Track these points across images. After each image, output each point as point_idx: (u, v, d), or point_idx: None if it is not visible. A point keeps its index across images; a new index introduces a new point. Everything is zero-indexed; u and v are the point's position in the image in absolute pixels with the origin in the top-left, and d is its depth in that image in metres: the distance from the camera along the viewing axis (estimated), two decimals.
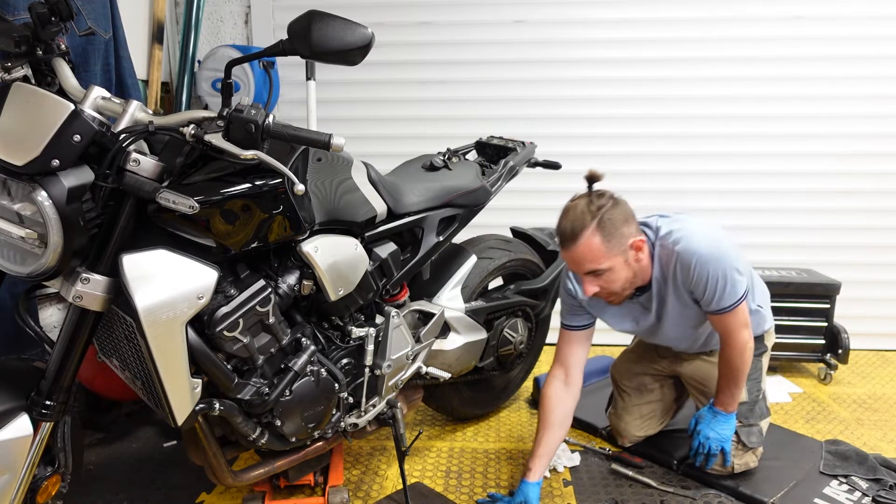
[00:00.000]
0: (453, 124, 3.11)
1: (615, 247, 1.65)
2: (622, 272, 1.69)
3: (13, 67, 1.23)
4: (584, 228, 1.62)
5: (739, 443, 1.94)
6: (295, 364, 1.49)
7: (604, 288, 1.71)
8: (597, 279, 1.68)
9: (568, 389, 1.91)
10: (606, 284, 1.70)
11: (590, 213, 1.64)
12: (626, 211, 1.68)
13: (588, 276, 1.68)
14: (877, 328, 3.15)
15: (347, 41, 1.17)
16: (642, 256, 1.72)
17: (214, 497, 1.94)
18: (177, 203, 1.19)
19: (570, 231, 1.64)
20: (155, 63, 2.79)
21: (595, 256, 1.64)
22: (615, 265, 1.66)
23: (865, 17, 2.92)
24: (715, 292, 1.70)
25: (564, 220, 1.66)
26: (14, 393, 1.26)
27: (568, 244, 1.65)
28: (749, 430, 1.95)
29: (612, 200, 1.67)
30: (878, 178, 3.05)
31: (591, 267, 1.66)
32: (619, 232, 1.65)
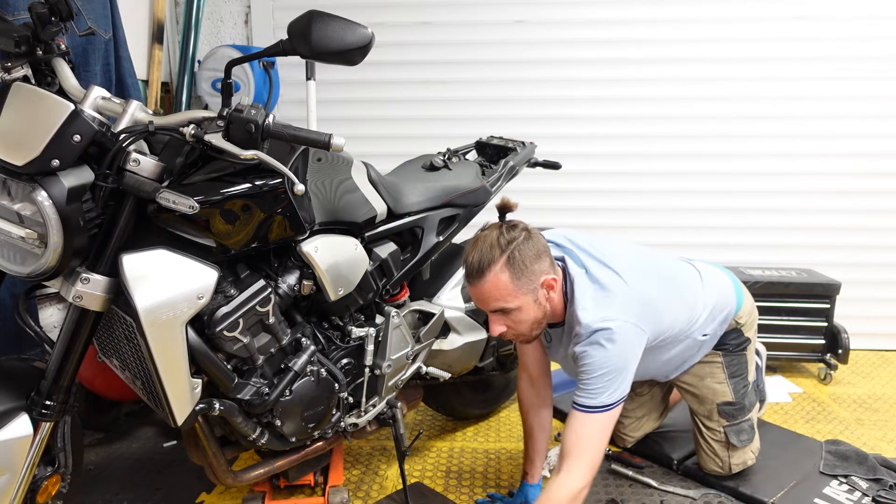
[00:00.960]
0: (453, 124, 3.11)
1: (524, 285, 1.51)
2: (531, 312, 1.55)
3: (13, 67, 1.24)
4: (493, 263, 1.49)
5: (728, 444, 1.93)
6: (295, 364, 1.49)
7: (510, 328, 1.58)
8: (503, 318, 1.56)
9: (535, 391, 1.87)
10: (514, 325, 1.57)
11: (499, 246, 1.50)
12: (538, 246, 1.54)
13: (495, 314, 1.56)
14: (877, 328, 3.15)
15: (347, 41, 1.17)
16: (553, 296, 1.59)
17: (214, 497, 1.94)
18: (177, 203, 1.19)
19: (478, 266, 1.50)
20: (155, 63, 2.79)
21: (502, 295, 1.51)
22: (523, 305, 1.53)
23: (866, 17, 2.92)
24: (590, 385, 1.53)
25: (472, 253, 1.52)
26: (14, 393, 1.26)
27: (474, 280, 1.52)
28: (738, 428, 1.93)
29: (526, 233, 1.54)
30: (878, 178, 3.05)
31: (497, 305, 1.53)
32: (530, 270, 1.51)
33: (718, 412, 1.93)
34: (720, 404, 1.92)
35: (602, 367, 1.52)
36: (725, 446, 1.94)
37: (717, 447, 1.94)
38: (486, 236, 1.54)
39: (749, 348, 1.98)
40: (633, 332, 1.56)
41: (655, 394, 2.16)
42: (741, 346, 1.94)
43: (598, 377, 1.52)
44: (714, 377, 1.93)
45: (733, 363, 1.93)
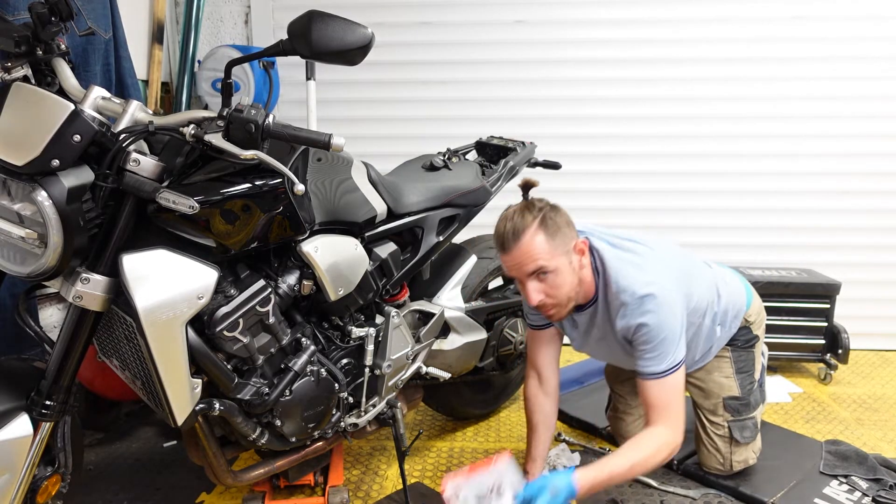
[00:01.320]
0: (453, 124, 3.11)
1: (559, 246, 1.55)
2: (567, 276, 1.58)
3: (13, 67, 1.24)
4: (527, 227, 1.53)
5: (732, 440, 1.93)
6: (295, 364, 1.49)
7: (549, 295, 1.58)
8: (542, 284, 1.57)
9: (544, 390, 1.88)
10: (552, 290, 1.58)
11: (531, 214, 1.55)
12: (565, 216, 1.60)
13: (532, 279, 1.57)
14: (877, 328, 3.15)
15: (347, 41, 1.17)
16: (585, 262, 1.63)
17: (214, 497, 1.94)
18: (177, 203, 1.19)
19: (512, 232, 1.54)
20: (155, 63, 2.79)
21: (540, 254, 1.53)
22: (560, 266, 1.56)
23: (866, 17, 2.92)
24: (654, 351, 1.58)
25: (503, 224, 1.56)
26: (14, 393, 1.26)
27: (510, 245, 1.54)
28: (742, 424, 1.93)
29: (550, 205, 1.59)
30: (878, 178, 3.05)
31: (534, 266, 1.54)
32: (562, 232, 1.56)
33: (724, 406, 1.94)
34: (726, 398, 1.93)
35: (660, 331, 1.56)
36: (728, 442, 1.94)
37: (720, 443, 1.94)
38: (513, 210, 1.59)
39: (757, 346, 2.01)
40: (675, 293, 1.61)
41: None
42: (750, 342, 1.97)
43: (659, 343, 1.57)
44: (722, 371, 1.95)
45: (741, 359, 1.95)
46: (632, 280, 1.59)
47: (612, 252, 1.66)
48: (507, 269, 1.62)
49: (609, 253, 1.65)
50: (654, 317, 1.56)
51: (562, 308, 1.64)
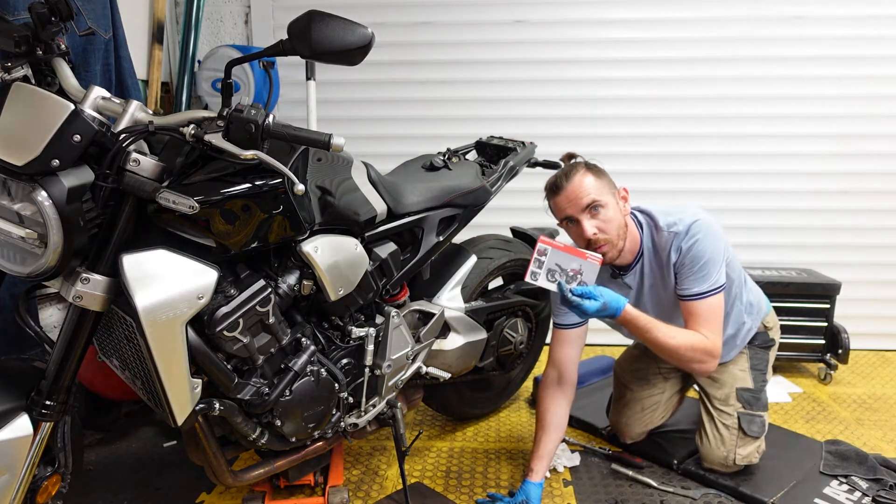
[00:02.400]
0: (453, 124, 3.11)
1: (606, 185, 1.75)
2: (616, 214, 1.75)
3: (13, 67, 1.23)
4: (576, 171, 1.74)
5: (740, 430, 1.95)
6: (295, 364, 1.49)
7: (601, 230, 1.73)
8: (594, 218, 1.73)
9: (562, 390, 1.91)
10: (604, 224, 1.73)
11: (577, 164, 1.78)
12: (606, 171, 1.80)
13: (585, 214, 1.73)
14: (877, 328, 3.15)
15: (347, 41, 1.17)
16: (628, 209, 1.81)
17: (214, 497, 1.94)
18: (177, 203, 1.19)
19: (564, 175, 1.74)
20: (155, 63, 2.79)
21: (592, 189, 1.72)
22: (610, 203, 1.74)
23: (866, 17, 2.92)
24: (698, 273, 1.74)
25: (554, 176, 1.77)
26: (14, 393, 1.26)
27: (562, 183, 1.74)
28: (751, 418, 1.96)
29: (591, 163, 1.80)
30: (878, 178, 3.05)
31: (588, 200, 1.72)
32: (608, 177, 1.78)
33: (736, 396, 1.98)
34: (739, 389, 1.98)
35: (704, 253, 1.72)
36: (735, 433, 1.95)
37: (727, 434, 1.95)
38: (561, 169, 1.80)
39: (772, 350, 2.08)
40: (717, 226, 1.77)
41: (667, 390, 2.16)
42: (767, 344, 2.06)
43: (703, 264, 1.72)
44: (737, 364, 2.01)
45: (757, 356, 2.04)
46: (680, 215, 1.78)
47: (651, 208, 1.86)
48: (560, 211, 1.79)
49: (652, 206, 1.86)
50: (701, 239, 1.72)
51: (613, 246, 1.77)
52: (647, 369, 2.18)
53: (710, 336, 1.74)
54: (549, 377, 1.93)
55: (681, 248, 1.75)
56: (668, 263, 1.79)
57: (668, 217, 1.80)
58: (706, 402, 2.03)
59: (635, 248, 1.84)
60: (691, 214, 1.77)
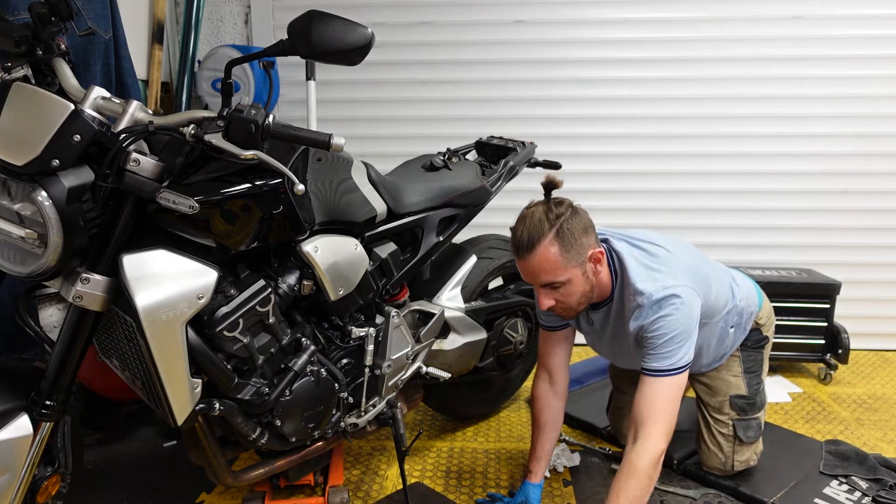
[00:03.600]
0: (453, 124, 3.11)
1: (573, 258, 1.55)
2: (579, 285, 1.59)
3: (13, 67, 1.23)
4: (542, 237, 1.53)
5: (736, 438, 1.93)
6: (295, 364, 1.49)
7: (559, 302, 1.62)
8: (553, 292, 1.60)
9: (554, 390, 1.88)
10: (563, 298, 1.61)
11: (548, 221, 1.54)
12: (585, 221, 1.59)
13: (544, 288, 1.59)
14: (877, 328, 3.15)
15: (347, 41, 1.17)
16: (601, 269, 1.64)
17: (214, 497, 1.94)
18: (177, 203, 1.19)
19: (527, 240, 1.54)
20: (155, 63, 2.79)
21: (552, 268, 1.54)
22: (573, 277, 1.57)
23: (865, 17, 2.92)
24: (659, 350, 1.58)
25: (520, 229, 1.56)
26: (14, 393, 1.26)
27: (524, 254, 1.55)
28: (747, 424, 1.94)
29: (571, 209, 1.58)
30: (879, 178, 3.05)
31: (547, 279, 1.57)
32: (578, 243, 1.55)
33: (730, 404, 1.95)
34: (733, 396, 1.95)
35: (671, 330, 1.55)
36: (732, 441, 1.94)
37: (724, 441, 1.94)
38: (532, 212, 1.57)
39: (766, 347, 2.03)
40: (693, 296, 1.61)
41: None
42: (760, 343, 2.00)
43: (667, 341, 1.56)
44: (730, 370, 1.97)
45: (750, 359, 1.98)
46: (649, 284, 1.59)
47: (631, 253, 1.66)
48: (521, 273, 1.63)
49: (628, 254, 1.66)
50: (668, 317, 1.56)
51: (571, 311, 1.66)
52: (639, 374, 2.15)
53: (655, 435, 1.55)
54: (540, 378, 1.91)
55: (643, 325, 1.59)
56: (628, 327, 1.64)
57: (638, 283, 1.60)
58: (702, 409, 2.01)
59: (605, 294, 1.70)
60: (661, 287, 1.58)
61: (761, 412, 1.99)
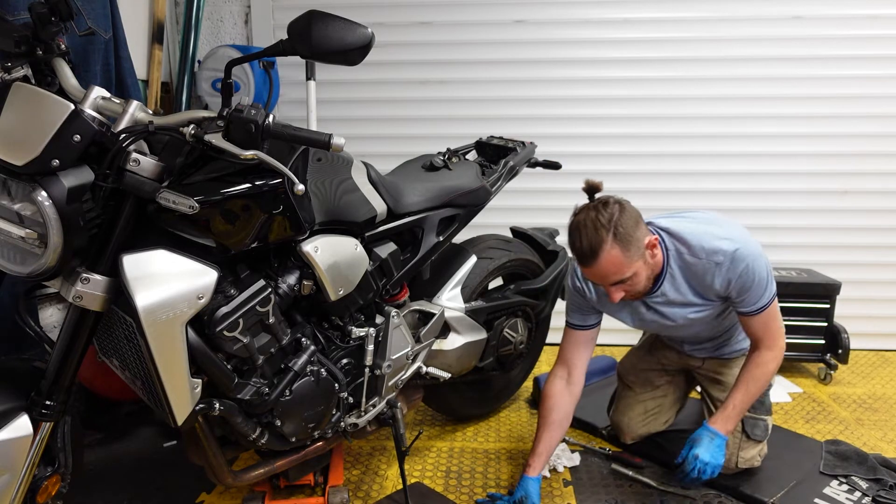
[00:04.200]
0: (453, 124, 3.11)
1: (634, 253, 1.63)
2: (643, 273, 1.69)
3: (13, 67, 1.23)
4: (602, 244, 1.60)
5: (743, 434, 1.94)
6: (295, 364, 1.49)
7: (628, 292, 1.71)
8: (621, 286, 1.69)
9: (570, 389, 1.92)
10: (631, 287, 1.70)
11: (603, 227, 1.61)
12: (634, 214, 1.66)
13: (613, 285, 1.69)
14: (877, 328, 3.15)
15: (347, 41, 1.17)
16: (657, 252, 1.73)
17: (214, 497, 1.94)
18: (177, 203, 1.19)
19: (589, 249, 1.62)
20: (155, 63, 2.79)
21: (618, 269, 1.64)
22: (637, 269, 1.66)
23: (865, 17, 2.92)
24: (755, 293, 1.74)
25: (579, 239, 1.63)
26: (14, 393, 1.26)
27: (589, 262, 1.64)
28: (754, 422, 1.96)
29: (619, 206, 1.65)
30: (878, 178, 3.05)
31: (616, 279, 1.66)
32: (635, 238, 1.63)
33: None
34: None
35: (756, 274, 1.70)
36: (738, 437, 1.94)
37: (730, 438, 1.94)
38: (584, 220, 1.65)
39: None
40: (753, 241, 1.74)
41: (672, 390, 2.17)
42: None
43: (757, 283, 1.71)
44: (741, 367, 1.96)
45: None
46: (717, 241, 1.70)
47: (680, 225, 1.77)
48: (587, 276, 1.74)
49: (678, 227, 1.77)
50: (749, 268, 1.69)
51: (639, 294, 1.77)
52: (651, 371, 2.18)
53: (775, 346, 1.82)
54: (557, 375, 1.93)
55: (729, 280, 1.71)
56: (703, 286, 1.76)
57: (706, 244, 1.71)
58: (709, 405, 2.03)
59: (657, 270, 1.78)
60: (729, 241, 1.70)
61: (769, 416, 2.00)
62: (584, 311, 1.92)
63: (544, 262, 2.41)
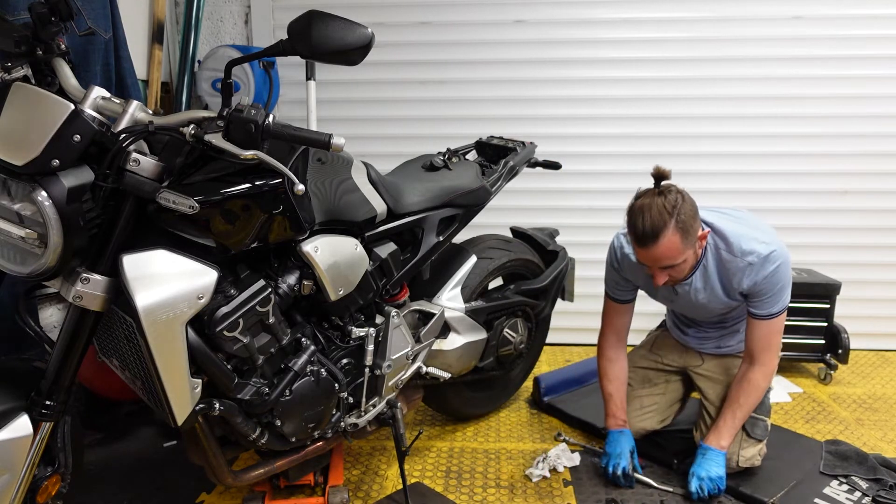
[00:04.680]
0: (453, 124, 3.11)
1: (689, 243, 1.73)
2: (690, 262, 1.79)
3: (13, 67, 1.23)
4: (665, 228, 1.67)
5: (743, 432, 1.95)
6: (295, 364, 1.49)
7: (672, 277, 1.80)
8: (668, 271, 1.77)
9: (620, 346, 2.11)
10: (676, 274, 1.79)
11: (667, 212, 1.68)
12: (693, 205, 1.74)
13: (661, 269, 1.77)
14: (877, 328, 3.15)
15: (347, 41, 1.17)
16: (703, 245, 1.83)
17: (214, 497, 1.94)
18: (177, 203, 1.19)
19: (651, 231, 1.68)
20: (155, 63, 2.79)
21: (673, 254, 1.72)
22: (687, 257, 1.76)
23: (865, 17, 2.92)
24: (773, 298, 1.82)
25: (642, 220, 1.70)
26: (14, 393, 1.26)
27: (649, 243, 1.70)
28: (755, 421, 1.97)
29: (681, 196, 1.72)
30: (878, 178, 3.05)
31: (668, 263, 1.74)
32: (693, 228, 1.72)
33: None
34: None
35: (779, 281, 1.80)
36: (739, 436, 1.95)
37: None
38: (649, 204, 1.71)
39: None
40: (785, 248, 1.83)
41: (670, 390, 2.18)
42: None
43: (778, 290, 1.81)
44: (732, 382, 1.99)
45: None
46: (755, 244, 1.79)
47: (721, 222, 1.85)
48: (638, 255, 1.81)
49: (720, 223, 1.84)
50: (777, 271, 1.78)
51: (678, 281, 1.86)
52: (650, 370, 2.19)
53: (769, 361, 1.90)
54: (609, 339, 2.11)
55: (755, 281, 1.79)
56: (731, 284, 1.84)
57: (744, 244, 1.80)
58: (709, 403, 2.03)
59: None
60: (765, 245, 1.78)
61: (768, 417, 2.01)
62: (621, 286, 2.06)
63: (544, 262, 2.41)
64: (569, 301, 2.52)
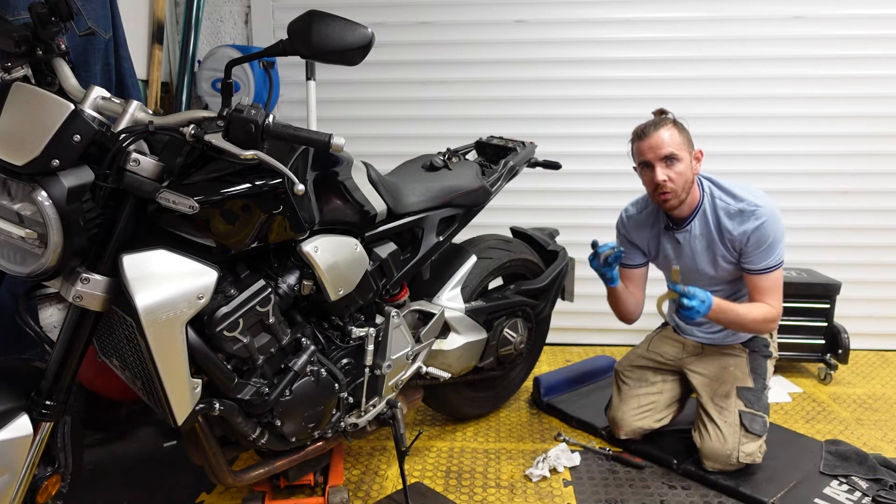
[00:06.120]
0: (453, 124, 3.11)
1: (686, 143, 1.93)
2: (687, 171, 1.92)
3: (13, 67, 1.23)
4: (664, 123, 1.92)
5: (742, 428, 1.96)
6: (295, 364, 1.49)
7: (671, 179, 1.90)
8: (669, 168, 1.90)
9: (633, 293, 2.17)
10: (675, 175, 1.90)
11: (667, 118, 1.95)
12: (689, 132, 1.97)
13: (661, 163, 1.90)
14: (877, 328, 3.15)
15: (347, 41, 1.17)
16: (698, 169, 1.98)
17: (214, 497, 1.94)
18: (177, 203, 1.19)
19: (653, 125, 1.92)
20: (155, 63, 2.79)
21: (674, 142, 1.89)
22: (685, 158, 1.91)
23: (865, 17, 2.92)
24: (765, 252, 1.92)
25: (644, 125, 1.94)
26: (14, 393, 1.26)
27: (650, 131, 1.91)
28: (753, 417, 1.98)
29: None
30: (879, 178, 3.05)
31: (666, 152, 1.89)
32: (689, 138, 1.95)
33: (737, 394, 2.02)
34: (740, 388, 2.04)
35: (771, 234, 1.91)
36: (738, 431, 1.96)
37: (729, 431, 1.96)
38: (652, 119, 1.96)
39: (771, 360, 2.14)
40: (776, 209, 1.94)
41: (667, 390, 2.19)
42: (766, 354, 2.12)
43: (771, 244, 1.92)
44: (738, 367, 2.07)
45: (756, 362, 2.10)
46: (747, 193, 1.95)
47: (719, 180, 2.02)
48: (640, 155, 1.96)
49: (717, 180, 2.02)
50: (766, 222, 1.90)
51: (675, 196, 1.94)
52: (647, 369, 2.20)
53: (775, 305, 1.96)
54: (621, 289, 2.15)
55: (746, 230, 1.91)
56: (722, 231, 1.96)
57: (737, 191, 1.96)
58: (707, 401, 2.03)
59: (693, 205, 1.99)
60: (758, 196, 1.93)
61: (766, 414, 2.02)
62: (628, 250, 2.14)
63: (544, 262, 2.41)
64: (569, 301, 2.52)
